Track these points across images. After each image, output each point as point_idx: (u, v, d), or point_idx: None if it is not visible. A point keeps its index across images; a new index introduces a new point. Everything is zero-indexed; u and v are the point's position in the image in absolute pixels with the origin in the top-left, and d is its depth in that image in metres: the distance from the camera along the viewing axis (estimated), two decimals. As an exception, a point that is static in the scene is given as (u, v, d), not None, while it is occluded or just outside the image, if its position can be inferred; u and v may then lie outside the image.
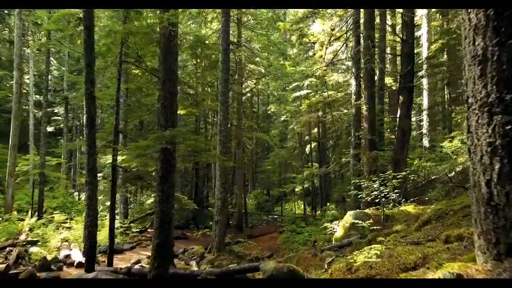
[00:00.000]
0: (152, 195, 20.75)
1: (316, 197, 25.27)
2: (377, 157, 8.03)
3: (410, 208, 8.81)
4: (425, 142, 22.65)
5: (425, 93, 21.18)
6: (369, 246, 4.53)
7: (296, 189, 25.09)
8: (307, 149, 26.59)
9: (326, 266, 5.12)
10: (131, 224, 17.32)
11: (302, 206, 24.89)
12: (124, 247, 13.66)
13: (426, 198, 9.64)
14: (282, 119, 26.07)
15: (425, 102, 21.14)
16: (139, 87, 10.12)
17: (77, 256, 11.44)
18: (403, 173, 8.86)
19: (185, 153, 8.34)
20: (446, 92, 21.93)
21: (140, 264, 11.21)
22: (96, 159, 8.41)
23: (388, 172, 8.61)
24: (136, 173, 8.87)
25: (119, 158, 9.35)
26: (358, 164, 12.75)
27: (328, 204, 24.91)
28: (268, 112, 31.03)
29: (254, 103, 32.15)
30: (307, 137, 25.22)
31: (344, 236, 8.83)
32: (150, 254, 10.11)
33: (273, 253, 15.31)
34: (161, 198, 7.15)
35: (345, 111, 20.63)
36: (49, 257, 11.79)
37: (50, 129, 28.48)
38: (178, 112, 10.69)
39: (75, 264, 11.16)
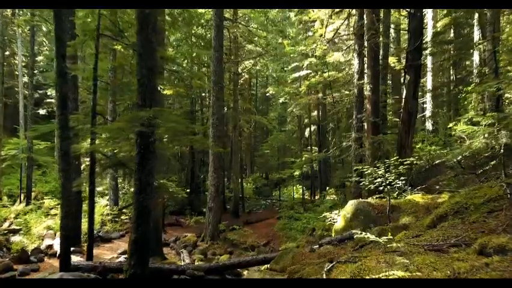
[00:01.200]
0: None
1: (316, 181, 24.43)
2: (382, 141, 7.06)
3: (417, 197, 7.91)
4: (428, 125, 21.67)
5: (429, 74, 20.03)
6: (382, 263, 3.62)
7: (295, 173, 24.26)
8: (307, 133, 25.62)
9: (324, 274, 4.23)
10: (121, 211, 16.51)
11: (301, 190, 24.10)
12: (112, 235, 12.87)
13: (437, 187, 8.72)
14: (281, 101, 24.99)
15: (429, 84, 20.04)
16: (120, 64, 9.09)
17: (59, 246, 10.64)
18: (411, 159, 7.91)
19: (168, 138, 7.40)
20: (452, 73, 20.77)
21: (125, 256, 10.40)
22: (69, 144, 7.45)
23: (395, 158, 7.66)
24: (116, 160, 7.93)
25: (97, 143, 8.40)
26: (360, 148, 11.80)
27: (327, 188, 24.13)
28: (267, 94, 29.86)
29: (253, 85, 31.02)
30: (306, 120, 24.20)
31: (344, 228, 7.96)
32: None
33: (269, 241, 14.56)
34: (138, 188, 6.23)
35: (347, 92, 19.57)
36: (31, 247, 11.01)
37: (42, 112, 27.45)
38: (164, 92, 9.68)
39: (57, 255, 10.36)
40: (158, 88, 9.83)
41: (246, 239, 14.29)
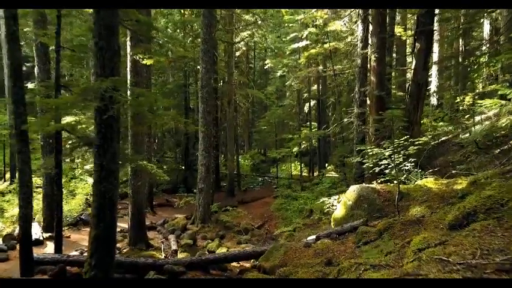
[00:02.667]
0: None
1: (314, 157, 23.35)
2: (392, 118, 5.89)
3: (429, 182, 6.82)
4: (433, 100, 20.36)
5: (435, 44, 18.52)
6: None
7: (293, 150, 23.13)
8: (306, 108, 24.33)
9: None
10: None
11: (299, 167, 23.09)
12: (96, 218, 11.90)
13: (454, 172, 7.59)
14: (279, 74, 23.50)
15: (435, 55, 18.59)
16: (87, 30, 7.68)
17: (35, 232, 9.67)
18: (424, 139, 6.75)
19: (132, 115, 6.24)
20: (461, 43, 19.22)
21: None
22: (26, 120, 6.27)
23: (405, 137, 6.50)
24: (86, 139, 6.77)
25: (68, 120, 7.23)
26: (363, 125, 10.61)
27: (326, 165, 23.09)
28: (266, 68, 28.29)
29: (250, 58, 29.40)
30: (306, 95, 22.83)
31: (345, 217, 6.91)
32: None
33: (264, 222, 13.62)
34: (99, 176, 5.11)
35: (348, 65, 18.15)
36: (5, 232, 10.08)
37: (31, 85, 26.00)
38: (144, 62, 8.41)
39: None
40: (139, 58, 8.55)
41: (240, 220, 13.35)
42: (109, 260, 5.13)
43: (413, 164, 7.40)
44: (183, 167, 21.36)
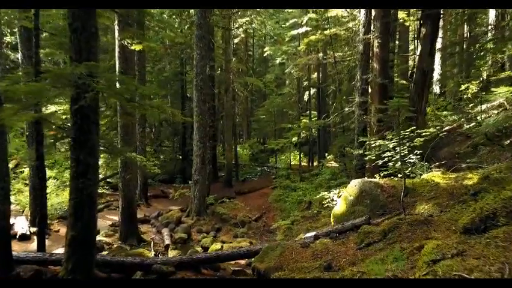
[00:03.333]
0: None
1: (314, 147, 22.85)
2: (399, 107, 5.36)
3: (436, 177, 6.32)
4: (436, 88, 19.78)
5: (440, 31, 17.79)
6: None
7: (293, 140, 22.59)
8: (306, 96, 23.73)
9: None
10: (105, 180, 15.06)
11: (298, 156, 22.61)
12: (88, 211, 11.46)
13: (463, 165, 7.09)
14: (278, 61, 22.80)
15: (439, 42, 17.86)
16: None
17: (22, 226, 9.27)
18: (431, 130, 6.22)
19: (109, 105, 5.69)
20: (465, 29, 18.51)
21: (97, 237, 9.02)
22: None
23: (411, 128, 5.97)
24: (67, 130, 6.24)
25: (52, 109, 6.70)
26: (364, 115, 10.07)
27: (326, 155, 22.61)
28: (265, 55, 27.53)
29: (249, 45, 28.65)
30: (306, 83, 22.20)
31: (346, 214, 6.43)
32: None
33: (262, 214, 13.19)
34: (75, 172, 4.62)
35: (349, 52, 17.49)
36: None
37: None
38: (133, 47, 7.83)
39: (17, 236, 9.02)
40: (127, 43, 7.98)
41: (237, 212, 12.92)
42: (88, 265, 4.66)
43: (418, 156, 6.89)
44: (181, 157, 20.87)
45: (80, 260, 4.57)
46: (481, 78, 18.10)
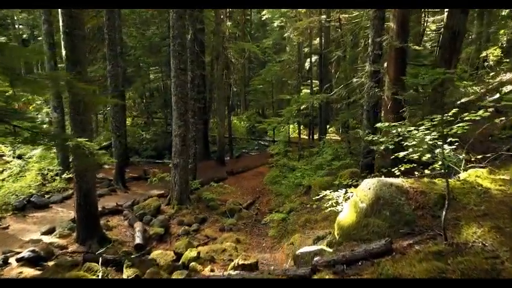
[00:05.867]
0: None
1: (315, 120, 20.83)
2: (443, 80, 3.37)
3: (483, 178, 4.45)
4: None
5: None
6: None
7: (293, 106, 20.50)
8: (307, 64, 21.41)
9: None
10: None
11: (297, 129, 20.63)
12: (52, 199, 9.74)
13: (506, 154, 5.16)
14: (276, 24, 20.30)
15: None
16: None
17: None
18: (481, 112, 4.23)
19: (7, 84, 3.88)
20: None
21: (48, 236, 7.33)
22: None
23: (453, 111, 4.03)
24: None
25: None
26: (376, 87, 8.03)
27: (328, 127, 20.66)
28: (263, 19, 24.87)
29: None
30: (307, 49, 19.81)
31: (355, 227, 4.62)
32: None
33: (255, 199, 11.48)
34: None
35: (356, 13, 15.07)
36: None
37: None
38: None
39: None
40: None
41: (227, 197, 11.22)
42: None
43: (454, 146, 4.96)
44: (170, 131, 18.97)
45: None
46: (500, 43, 15.80)
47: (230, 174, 13.92)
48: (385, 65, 8.14)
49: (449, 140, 4.68)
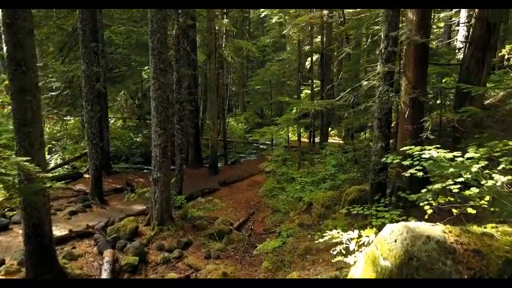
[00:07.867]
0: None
1: (316, 121, 19.38)
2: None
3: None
4: (459, 54, 16.01)
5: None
6: None
7: (292, 111, 19.11)
8: (308, 63, 19.98)
9: None
10: (51, 171, 11.90)
11: (297, 132, 19.20)
12: (13, 218, 8.33)
13: None
14: (274, 20, 18.84)
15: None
16: None
17: None
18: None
19: None
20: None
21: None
22: None
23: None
24: None
25: None
26: (391, 91, 6.61)
27: (330, 130, 19.26)
28: (262, 16, 23.42)
29: (245, 5, 24.39)
30: (307, 47, 18.36)
31: (376, 296, 3.20)
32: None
33: (249, 217, 10.08)
34: None
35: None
36: None
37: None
38: None
39: None
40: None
41: (217, 213, 9.84)
42: None
43: (502, 173, 3.58)
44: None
45: None
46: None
47: (223, 185, 12.53)
48: (401, 64, 6.74)
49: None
